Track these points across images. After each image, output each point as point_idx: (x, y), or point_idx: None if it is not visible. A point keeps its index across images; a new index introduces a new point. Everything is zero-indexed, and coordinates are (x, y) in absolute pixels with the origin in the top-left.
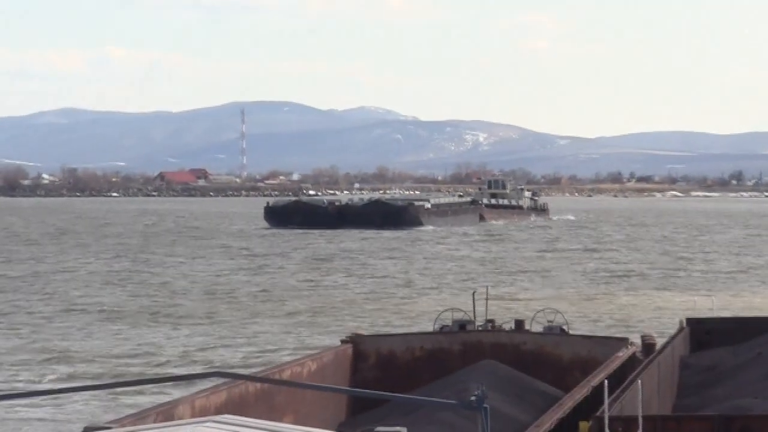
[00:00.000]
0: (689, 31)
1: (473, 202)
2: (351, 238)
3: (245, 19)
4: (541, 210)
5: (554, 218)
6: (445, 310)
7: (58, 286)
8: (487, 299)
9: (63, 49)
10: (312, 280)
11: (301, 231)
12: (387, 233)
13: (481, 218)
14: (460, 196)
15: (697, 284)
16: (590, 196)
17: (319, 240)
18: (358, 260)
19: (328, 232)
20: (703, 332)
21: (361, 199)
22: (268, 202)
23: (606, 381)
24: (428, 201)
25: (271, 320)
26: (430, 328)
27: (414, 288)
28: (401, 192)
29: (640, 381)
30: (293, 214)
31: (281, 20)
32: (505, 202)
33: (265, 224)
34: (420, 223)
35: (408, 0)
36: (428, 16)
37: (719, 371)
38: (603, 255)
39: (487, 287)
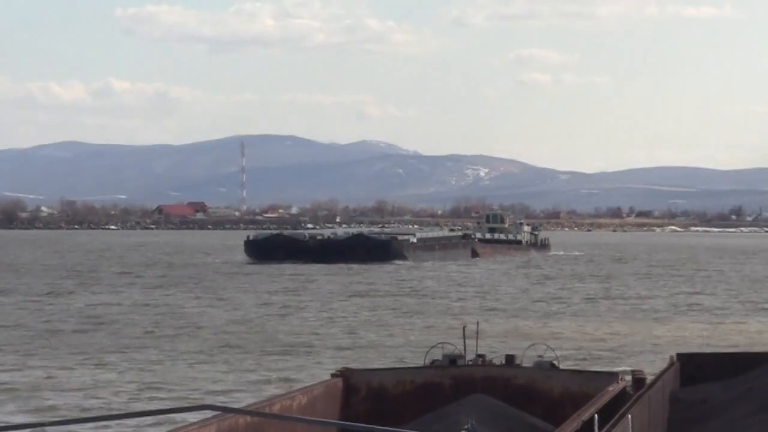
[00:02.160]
0: (692, 67)
1: (465, 236)
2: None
3: (248, 51)
4: (542, 245)
5: (559, 253)
6: (436, 345)
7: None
8: (477, 334)
9: (66, 81)
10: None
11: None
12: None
13: (474, 254)
14: (451, 230)
15: (689, 319)
16: (589, 230)
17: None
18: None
19: (302, 267)
20: (693, 367)
21: (347, 233)
22: (248, 236)
23: (596, 415)
24: (414, 235)
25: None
26: (420, 363)
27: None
28: (399, 226)
29: (630, 416)
30: (274, 247)
31: (284, 53)
32: (503, 236)
33: (246, 258)
34: (404, 258)
35: (411, 33)
36: (431, 49)
37: (710, 406)
38: (599, 288)
39: (477, 322)
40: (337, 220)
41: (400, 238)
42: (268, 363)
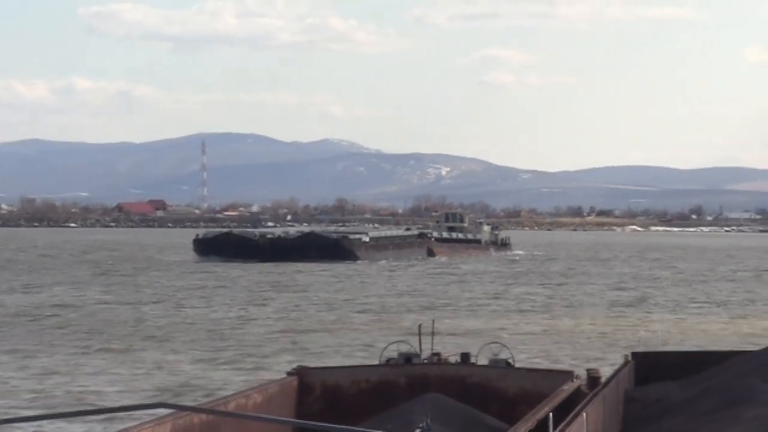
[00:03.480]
0: (654, 67)
1: (420, 235)
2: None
3: (211, 50)
4: (503, 244)
5: (519, 253)
6: (391, 343)
7: None
8: (433, 332)
9: (29, 79)
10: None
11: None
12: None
13: (430, 253)
14: (407, 229)
15: (645, 317)
16: (550, 230)
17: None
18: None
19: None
20: (648, 366)
21: (299, 232)
22: (197, 234)
23: (551, 414)
24: (366, 234)
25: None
26: (376, 361)
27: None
28: (359, 225)
29: (584, 414)
30: (223, 246)
31: (247, 52)
32: (462, 235)
33: (194, 256)
34: (355, 257)
35: (374, 33)
36: (394, 49)
37: (665, 405)
38: (554, 288)
39: (433, 320)
40: (289, 218)
41: (351, 237)
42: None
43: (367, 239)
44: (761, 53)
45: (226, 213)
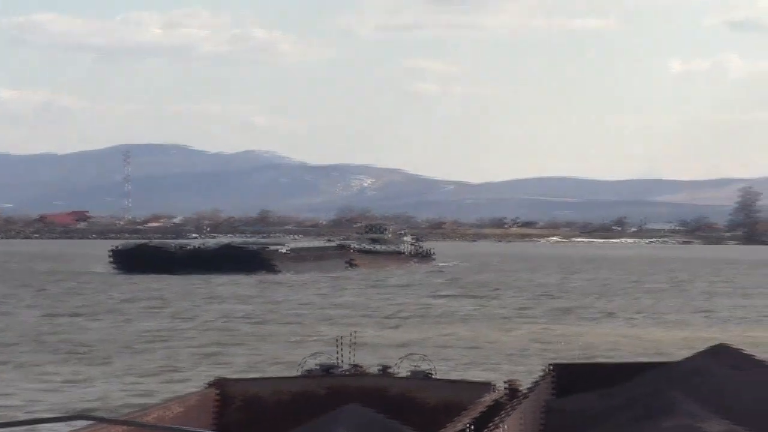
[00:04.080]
0: (578, 78)
1: (341, 247)
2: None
3: (135, 61)
4: (425, 256)
5: (442, 264)
6: (311, 355)
7: None
8: (352, 344)
9: None
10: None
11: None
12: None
13: (351, 264)
14: (327, 240)
15: (567, 328)
16: (473, 241)
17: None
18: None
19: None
20: (568, 377)
21: (218, 243)
22: (113, 246)
23: (470, 425)
24: (285, 245)
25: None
26: (295, 373)
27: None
28: (281, 236)
29: (504, 426)
30: (140, 257)
31: (171, 62)
32: (383, 247)
33: (111, 268)
34: (274, 269)
35: (298, 43)
36: (318, 59)
37: (585, 416)
38: (475, 299)
39: (353, 331)
40: (206, 230)
41: (270, 248)
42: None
43: (286, 251)
44: (683, 65)
45: (148, 224)
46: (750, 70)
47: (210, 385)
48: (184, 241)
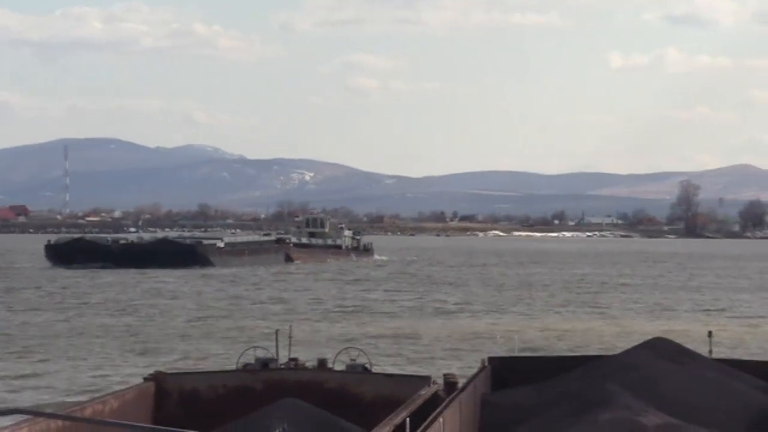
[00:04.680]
0: (518, 73)
1: (278, 240)
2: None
3: (74, 55)
4: (365, 250)
5: (381, 258)
6: (248, 349)
7: None
8: (290, 337)
9: None
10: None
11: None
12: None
13: (288, 258)
14: (265, 234)
15: (506, 321)
16: (412, 235)
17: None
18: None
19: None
20: (505, 370)
21: (153, 237)
22: (49, 240)
23: (408, 419)
24: (221, 240)
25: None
26: (233, 367)
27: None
28: (220, 230)
29: (441, 419)
30: (75, 252)
31: (112, 57)
32: (322, 241)
33: (46, 263)
34: (209, 263)
35: (238, 39)
36: (258, 54)
37: (521, 410)
38: (414, 293)
39: (290, 325)
40: (140, 224)
41: (205, 242)
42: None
43: (222, 245)
44: (623, 60)
45: (88, 219)
46: (689, 65)
47: (147, 379)
48: (120, 236)
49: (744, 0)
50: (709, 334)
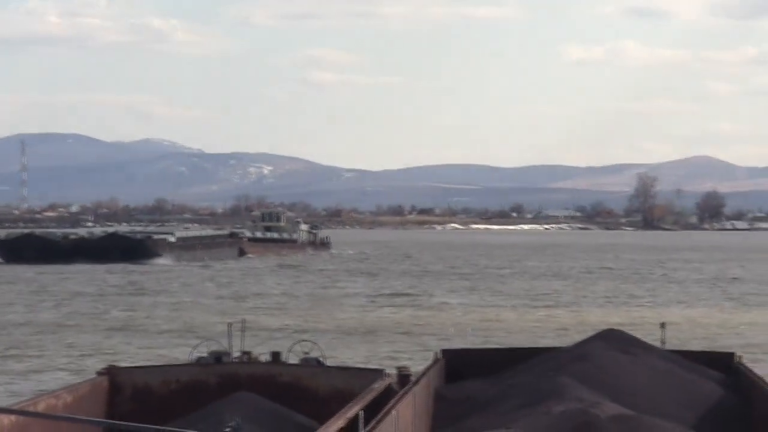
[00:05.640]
0: (474, 66)
1: (232, 235)
2: None
3: (31, 50)
4: (322, 244)
5: (339, 252)
6: (201, 342)
7: None
8: (243, 331)
9: None
10: None
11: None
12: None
13: (242, 253)
14: (218, 228)
15: (460, 314)
16: (371, 228)
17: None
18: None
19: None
20: (458, 363)
21: (104, 232)
22: None
23: (361, 412)
24: (173, 234)
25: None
26: (186, 361)
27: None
28: (176, 225)
29: (394, 412)
30: (25, 247)
31: (69, 52)
32: (278, 235)
33: None
34: (160, 258)
35: (196, 33)
36: (216, 48)
37: (474, 402)
38: (370, 287)
39: (243, 319)
40: (91, 219)
41: (156, 237)
42: None
43: (173, 239)
44: (581, 52)
45: (45, 213)
46: (647, 57)
47: (100, 373)
48: (69, 231)
49: None
50: (662, 325)
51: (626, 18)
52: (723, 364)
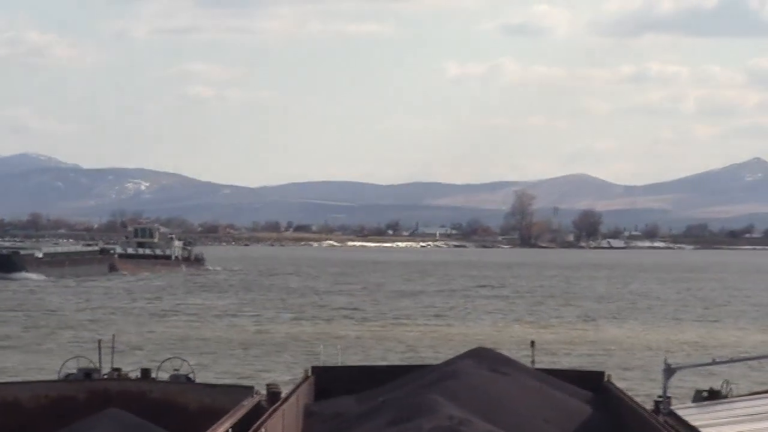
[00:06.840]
0: (353, 82)
1: (102, 251)
2: None
3: None
4: (196, 260)
5: (213, 268)
6: (70, 359)
7: None
8: (113, 347)
9: None
10: None
11: None
12: None
13: (113, 269)
14: (87, 244)
15: (332, 330)
16: (247, 245)
17: None
18: None
19: None
20: (328, 380)
21: None
22: None
23: (230, 429)
24: (39, 250)
25: None
26: (55, 377)
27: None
28: (49, 240)
29: (263, 430)
30: None
31: None
32: (150, 251)
33: None
34: (27, 273)
35: (73, 46)
36: (93, 62)
37: (343, 419)
38: (240, 302)
39: (113, 335)
40: None
41: (23, 252)
42: None
43: (41, 255)
44: (459, 69)
45: None
46: (524, 75)
47: None
48: None
49: (577, 11)
50: (532, 343)
51: (504, 36)
52: (593, 383)
